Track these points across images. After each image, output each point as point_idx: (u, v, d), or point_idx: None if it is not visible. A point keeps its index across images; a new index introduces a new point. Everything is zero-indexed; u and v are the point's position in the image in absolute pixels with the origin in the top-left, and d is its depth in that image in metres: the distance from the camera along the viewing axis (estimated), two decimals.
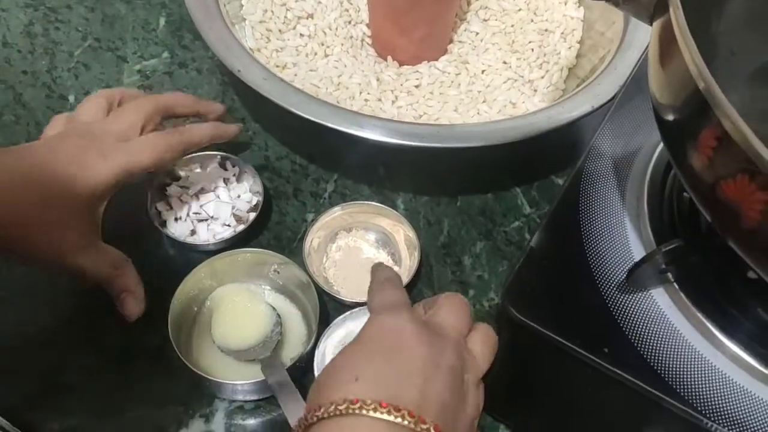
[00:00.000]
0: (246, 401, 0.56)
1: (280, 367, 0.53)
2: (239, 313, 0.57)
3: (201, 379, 0.53)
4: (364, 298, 0.60)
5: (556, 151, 0.75)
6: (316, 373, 0.54)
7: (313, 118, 0.55)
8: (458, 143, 0.55)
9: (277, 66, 0.73)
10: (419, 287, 0.63)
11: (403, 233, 0.64)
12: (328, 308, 0.61)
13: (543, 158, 0.74)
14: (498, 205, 0.70)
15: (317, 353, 0.55)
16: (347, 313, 0.57)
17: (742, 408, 0.42)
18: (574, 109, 0.59)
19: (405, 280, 0.60)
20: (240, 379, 0.53)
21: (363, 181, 0.70)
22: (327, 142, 0.72)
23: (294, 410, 0.51)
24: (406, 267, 0.63)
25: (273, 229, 0.66)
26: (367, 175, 0.71)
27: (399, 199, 0.69)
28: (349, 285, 0.62)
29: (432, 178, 0.71)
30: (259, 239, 0.65)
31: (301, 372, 0.55)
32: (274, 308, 0.57)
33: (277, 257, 0.59)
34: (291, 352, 0.56)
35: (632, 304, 0.46)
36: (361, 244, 0.65)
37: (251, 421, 0.56)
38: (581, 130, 0.75)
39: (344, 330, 0.58)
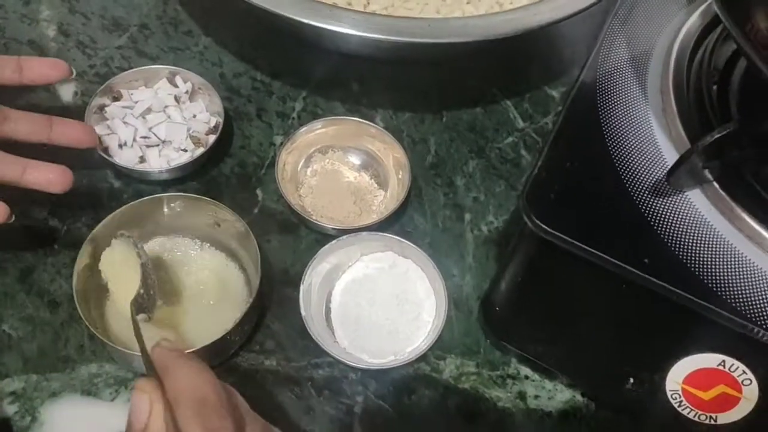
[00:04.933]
0: None
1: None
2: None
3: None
4: (347, 226, 0.55)
5: (547, 60, 0.71)
6: (303, 312, 0.49)
7: (279, 11, 0.49)
8: (457, 38, 0.49)
9: None
10: (409, 213, 0.59)
11: (389, 153, 0.58)
12: (270, 261, 0.54)
13: (532, 67, 0.70)
14: (488, 120, 0.65)
15: (302, 290, 0.50)
16: (332, 242, 0.52)
17: None
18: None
19: (393, 206, 0.55)
20: None
21: (335, 98, 0.64)
22: (292, 52, 0.66)
23: None
24: (394, 192, 0.58)
25: (236, 155, 0.60)
26: (340, 91, 0.65)
27: (377, 116, 0.64)
28: (330, 212, 0.56)
29: (412, 92, 0.66)
30: (220, 167, 0.59)
31: (246, 336, 0.50)
32: (140, 255, 0.47)
33: (213, 204, 0.51)
34: (233, 313, 0.48)
35: (668, 209, 0.42)
36: (340, 166, 0.59)
37: None
38: (572, 35, 0.72)
39: (328, 263, 0.52)
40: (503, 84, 0.68)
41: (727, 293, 0.39)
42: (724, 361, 0.42)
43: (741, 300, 0.39)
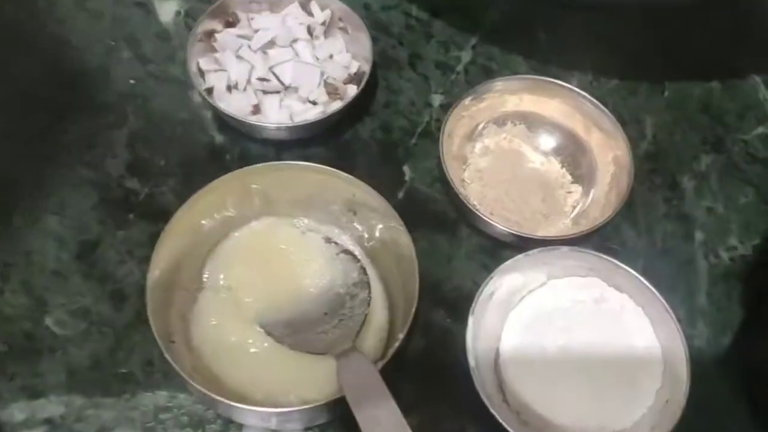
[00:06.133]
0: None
1: (364, 362, 0.31)
2: (285, 262, 0.37)
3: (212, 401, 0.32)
4: (531, 233, 0.39)
5: None
6: (471, 363, 0.33)
7: None
8: None
9: None
10: (614, 221, 0.41)
11: (605, 144, 0.42)
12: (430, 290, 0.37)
13: None
14: (729, 101, 0.48)
15: (470, 324, 0.34)
16: (518, 257, 0.36)
17: None
18: None
19: (600, 213, 0.40)
20: (278, 390, 0.33)
21: (516, 50, 0.49)
22: None
23: None
24: (602, 193, 0.41)
25: (379, 115, 0.45)
26: (523, 42, 0.49)
27: (573, 80, 0.47)
28: (506, 209, 0.41)
29: (623, 52, 0.50)
30: (356, 129, 0.45)
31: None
32: (355, 256, 0.36)
33: (352, 182, 0.36)
34: (366, 344, 0.35)
35: None
36: (521, 146, 0.43)
37: None
38: None
39: (505, 287, 0.36)
40: (748, 51, 0.50)
41: None
42: None
43: None
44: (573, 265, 0.37)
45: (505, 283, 0.36)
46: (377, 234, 0.37)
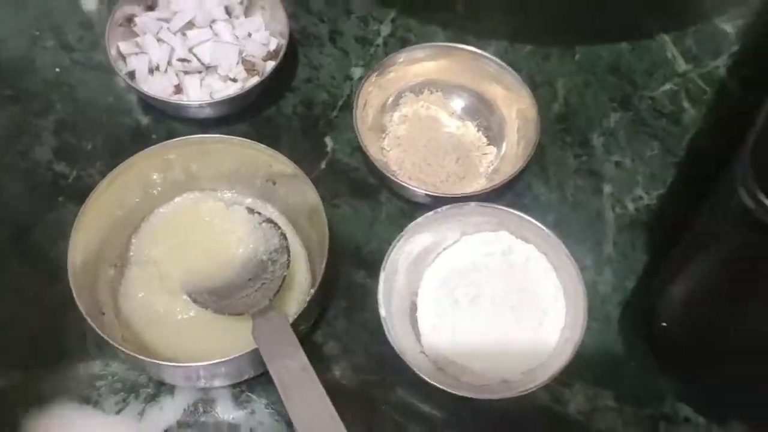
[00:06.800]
0: (211, 388, 0.38)
1: (276, 317, 0.34)
2: (209, 234, 0.39)
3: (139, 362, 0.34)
4: (445, 192, 0.41)
5: None
6: (382, 313, 0.36)
7: None
8: None
9: None
10: (527, 179, 0.44)
11: (511, 100, 0.44)
12: (337, 234, 0.39)
13: None
14: (638, 60, 0.51)
15: (382, 280, 0.37)
16: (427, 214, 0.38)
17: None
18: None
19: (510, 169, 0.42)
20: (204, 354, 0.34)
21: (434, 22, 0.51)
22: None
23: (302, 399, 0.31)
24: (512, 150, 0.44)
25: (301, 90, 0.47)
26: (441, 13, 0.51)
27: (490, 48, 0.49)
28: (423, 173, 0.43)
29: (536, 19, 0.52)
30: (279, 105, 0.46)
31: (300, 336, 0.35)
32: (276, 224, 0.38)
33: (268, 152, 0.38)
34: (288, 305, 0.38)
35: None
36: (438, 112, 0.46)
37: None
38: None
39: (418, 245, 0.39)
40: (657, 12, 0.53)
41: None
42: None
43: None
44: (483, 221, 0.40)
45: (419, 240, 0.39)
46: (296, 201, 0.39)
